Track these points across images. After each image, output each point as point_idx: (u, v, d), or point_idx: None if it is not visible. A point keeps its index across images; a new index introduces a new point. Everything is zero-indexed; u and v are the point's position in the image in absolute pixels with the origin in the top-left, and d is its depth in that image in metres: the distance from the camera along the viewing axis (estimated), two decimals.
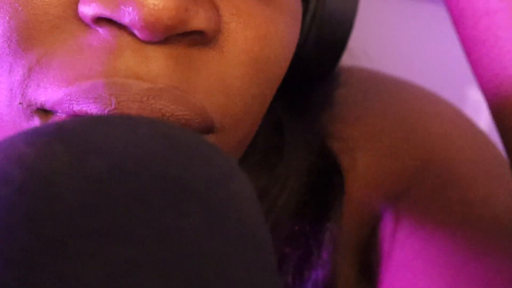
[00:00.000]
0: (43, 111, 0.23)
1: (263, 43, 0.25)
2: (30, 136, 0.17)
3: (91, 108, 0.22)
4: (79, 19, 0.22)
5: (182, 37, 0.22)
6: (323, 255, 0.32)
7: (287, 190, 0.34)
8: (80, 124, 0.18)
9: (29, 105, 0.23)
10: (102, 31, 0.22)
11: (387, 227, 0.32)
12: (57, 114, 0.23)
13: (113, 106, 0.21)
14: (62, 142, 0.17)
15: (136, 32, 0.21)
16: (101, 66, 0.22)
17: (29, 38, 0.22)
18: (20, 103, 0.23)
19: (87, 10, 0.21)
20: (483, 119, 1.27)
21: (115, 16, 0.21)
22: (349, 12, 0.32)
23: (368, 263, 0.33)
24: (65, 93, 0.22)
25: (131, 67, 0.22)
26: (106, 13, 0.21)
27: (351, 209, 0.33)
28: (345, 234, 0.33)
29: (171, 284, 0.15)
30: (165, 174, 0.17)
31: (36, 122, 0.23)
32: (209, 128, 0.24)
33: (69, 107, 0.22)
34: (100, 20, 0.22)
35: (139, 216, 0.15)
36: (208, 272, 0.16)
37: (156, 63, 0.22)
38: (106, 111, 0.21)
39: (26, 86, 0.23)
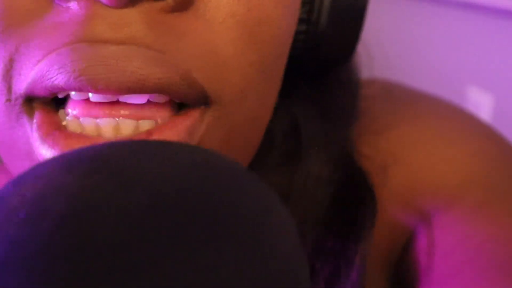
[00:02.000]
0: (28, 104, 0.22)
1: (250, 5, 0.23)
2: (68, 164, 0.17)
3: (58, 80, 0.21)
4: (51, 0, 0.22)
5: (154, 1, 0.21)
6: (353, 276, 0.31)
7: (306, 199, 0.32)
8: (115, 152, 0.17)
9: (16, 99, 0.22)
10: (73, 5, 0.21)
11: (422, 240, 0.31)
12: (37, 102, 0.22)
13: (77, 73, 0.20)
14: (101, 172, 0.16)
15: None
16: (70, 36, 0.21)
17: (7, 28, 0.22)
18: (7, 100, 0.23)
19: None
20: (483, 119, 1.27)
21: None
22: None
23: (401, 278, 0.33)
24: (36, 71, 0.21)
25: (100, 33, 0.21)
26: None
27: (383, 227, 0.32)
28: (376, 251, 0.32)
29: None
30: (205, 209, 0.16)
31: (24, 121, 0.23)
32: (201, 98, 0.23)
33: (44, 86, 0.21)
34: None
35: (180, 253, 0.15)
36: None
37: (127, 28, 0.21)
38: (71, 80, 0.20)
39: (10, 78, 0.22)
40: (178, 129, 0.22)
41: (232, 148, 0.25)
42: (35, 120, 0.22)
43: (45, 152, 0.22)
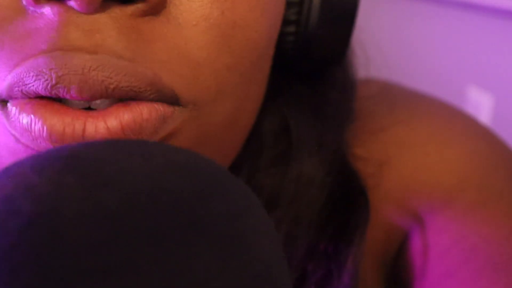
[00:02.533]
0: (3, 103, 0.22)
1: (223, 7, 0.23)
2: (40, 163, 0.16)
3: (36, 86, 0.21)
4: (25, 7, 0.22)
5: (125, 6, 0.21)
6: (344, 279, 0.30)
7: (298, 201, 0.32)
8: (92, 151, 0.17)
9: None
10: (47, 11, 0.21)
11: (417, 241, 0.31)
12: (12, 101, 0.22)
13: (54, 81, 0.21)
14: (73, 172, 0.16)
15: (73, 4, 0.21)
16: (45, 43, 0.21)
17: None
18: None
19: None
20: (483, 119, 1.27)
21: None
22: None
23: (396, 279, 0.32)
24: (13, 76, 0.21)
25: (74, 40, 0.21)
26: None
27: (378, 228, 0.32)
28: (371, 253, 0.32)
29: None
30: (179, 210, 0.16)
31: None
32: (172, 101, 0.23)
33: (20, 90, 0.21)
34: (40, 0, 0.21)
35: (149, 254, 0.15)
36: None
37: (99, 34, 0.21)
38: (48, 87, 0.21)
39: None
40: (154, 109, 0.22)
41: (206, 150, 0.24)
42: (11, 105, 0.22)
43: (25, 121, 0.21)
